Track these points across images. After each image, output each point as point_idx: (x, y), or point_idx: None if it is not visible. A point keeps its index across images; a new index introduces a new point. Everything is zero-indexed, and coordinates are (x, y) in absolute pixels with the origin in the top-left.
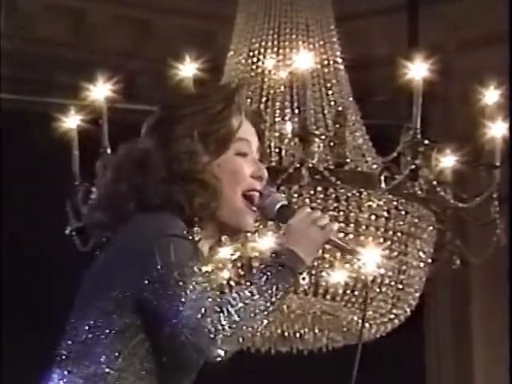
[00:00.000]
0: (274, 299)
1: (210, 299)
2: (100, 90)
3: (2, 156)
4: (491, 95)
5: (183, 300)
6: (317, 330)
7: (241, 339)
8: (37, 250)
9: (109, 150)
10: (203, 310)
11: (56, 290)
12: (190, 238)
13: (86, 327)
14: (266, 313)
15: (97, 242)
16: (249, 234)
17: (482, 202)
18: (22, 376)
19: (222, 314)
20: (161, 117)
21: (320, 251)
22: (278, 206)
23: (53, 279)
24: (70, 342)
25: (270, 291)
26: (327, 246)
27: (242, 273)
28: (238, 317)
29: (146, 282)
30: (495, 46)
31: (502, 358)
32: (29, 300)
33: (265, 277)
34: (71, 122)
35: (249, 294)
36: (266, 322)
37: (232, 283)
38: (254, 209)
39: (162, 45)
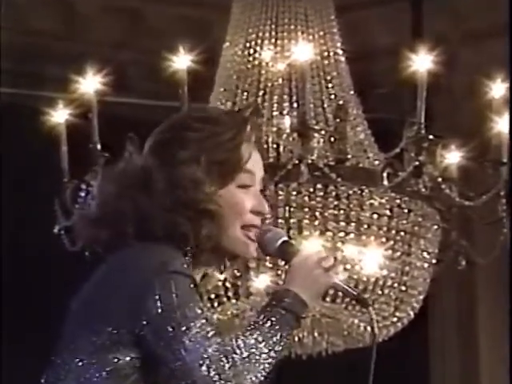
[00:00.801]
0: (277, 347)
1: (214, 346)
2: (89, 83)
3: None
4: (498, 88)
5: (186, 345)
6: (316, 334)
7: None
8: (36, 249)
9: (99, 146)
10: (207, 359)
11: (55, 291)
12: (189, 273)
13: (80, 363)
14: (269, 361)
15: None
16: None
17: (488, 200)
18: (22, 376)
19: (226, 363)
20: (167, 136)
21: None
22: (280, 241)
23: (53, 279)
24: (62, 377)
25: (274, 338)
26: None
27: (238, 274)
28: (243, 366)
29: (145, 321)
30: (502, 38)
31: (508, 360)
32: (29, 300)
33: (269, 322)
34: (59, 116)
35: (253, 342)
36: (268, 370)
37: (228, 285)
38: (254, 239)
39: (154, 35)
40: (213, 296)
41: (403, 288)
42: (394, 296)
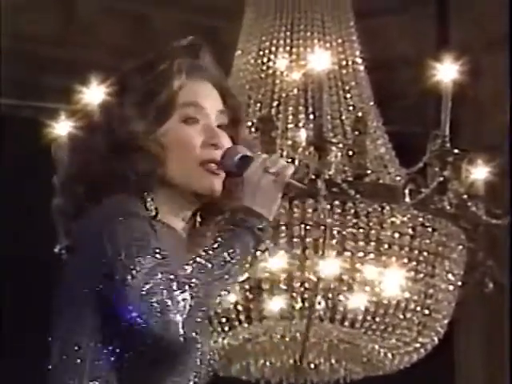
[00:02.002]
0: (230, 265)
1: (159, 275)
2: (93, 93)
3: None
4: None
5: (129, 282)
6: (333, 361)
7: (199, 312)
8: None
9: None
10: (150, 289)
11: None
12: (144, 213)
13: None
14: (225, 280)
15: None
16: (258, 253)
17: None
18: (22, 376)
19: (174, 290)
20: (109, 93)
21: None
22: (238, 155)
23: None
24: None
25: (224, 257)
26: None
27: (251, 296)
28: (191, 289)
29: (103, 276)
30: None
31: None
32: (29, 300)
33: (217, 243)
34: (61, 128)
35: (202, 263)
36: (228, 289)
37: (240, 308)
38: (217, 172)
39: (159, 42)
40: (223, 320)
41: (426, 312)
42: (416, 320)
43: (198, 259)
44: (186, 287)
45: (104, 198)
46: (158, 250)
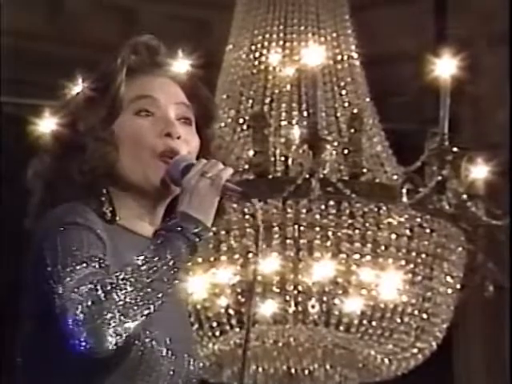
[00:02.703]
0: (161, 271)
1: (88, 285)
2: (78, 89)
3: None
4: None
5: (60, 292)
6: (328, 366)
7: (128, 323)
8: None
9: None
10: (76, 299)
11: None
12: (88, 221)
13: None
14: (158, 285)
15: None
16: (250, 255)
17: None
18: None
19: (101, 299)
20: None
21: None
22: (182, 165)
23: None
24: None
25: (154, 262)
26: None
27: (243, 300)
28: (119, 296)
29: (44, 285)
30: None
31: None
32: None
33: (148, 249)
34: (45, 125)
35: (132, 270)
36: (160, 298)
37: (231, 312)
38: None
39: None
40: (214, 324)
41: (425, 316)
42: (414, 325)
43: (128, 266)
44: (114, 295)
45: (58, 203)
46: (94, 259)
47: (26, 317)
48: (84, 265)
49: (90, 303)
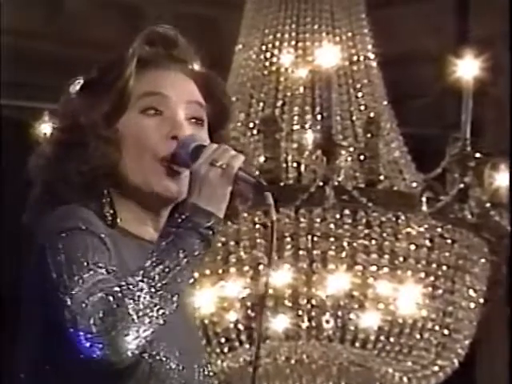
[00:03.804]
0: (175, 271)
1: (98, 294)
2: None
3: None
4: None
5: (69, 305)
6: None
7: (145, 329)
8: None
9: None
10: (88, 309)
11: None
12: (91, 225)
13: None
14: (173, 288)
15: None
16: (261, 267)
17: None
18: None
19: (113, 307)
20: None
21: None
22: (192, 146)
23: None
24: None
25: (166, 264)
26: None
27: (253, 314)
28: (134, 303)
29: (49, 292)
30: None
31: None
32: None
33: (159, 249)
34: (44, 129)
35: (143, 274)
36: (175, 301)
37: (240, 327)
38: (178, 170)
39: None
40: (223, 340)
41: (446, 332)
42: (435, 341)
43: (139, 270)
44: (127, 302)
45: (57, 205)
46: (101, 265)
47: (30, 329)
48: (91, 272)
49: (101, 314)
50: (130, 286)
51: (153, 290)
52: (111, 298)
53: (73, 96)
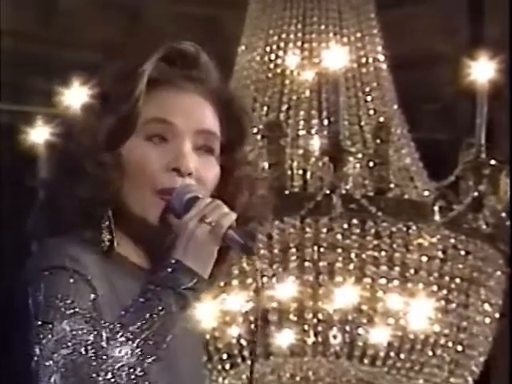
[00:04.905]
0: (147, 332)
1: (65, 350)
2: (76, 95)
3: None
4: None
5: (37, 354)
6: None
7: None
8: None
9: None
10: (53, 368)
11: None
12: (77, 265)
13: None
14: (143, 347)
15: None
16: (265, 279)
17: None
18: None
19: (81, 366)
20: None
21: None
22: (186, 197)
23: None
24: None
25: (139, 324)
26: None
27: (256, 329)
28: (105, 359)
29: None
30: None
31: None
32: None
33: (135, 306)
34: (38, 135)
35: (115, 331)
36: (151, 357)
37: (243, 342)
38: (169, 219)
39: (153, 37)
40: (225, 356)
41: (459, 348)
42: (448, 358)
43: (117, 322)
44: (99, 355)
45: (56, 221)
46: (81, 311)
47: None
48: (66, 321)
49: (64, 370)
50: (103, 343)
51: (130, 343)
52: (81, 354)
53: (77, 112)
